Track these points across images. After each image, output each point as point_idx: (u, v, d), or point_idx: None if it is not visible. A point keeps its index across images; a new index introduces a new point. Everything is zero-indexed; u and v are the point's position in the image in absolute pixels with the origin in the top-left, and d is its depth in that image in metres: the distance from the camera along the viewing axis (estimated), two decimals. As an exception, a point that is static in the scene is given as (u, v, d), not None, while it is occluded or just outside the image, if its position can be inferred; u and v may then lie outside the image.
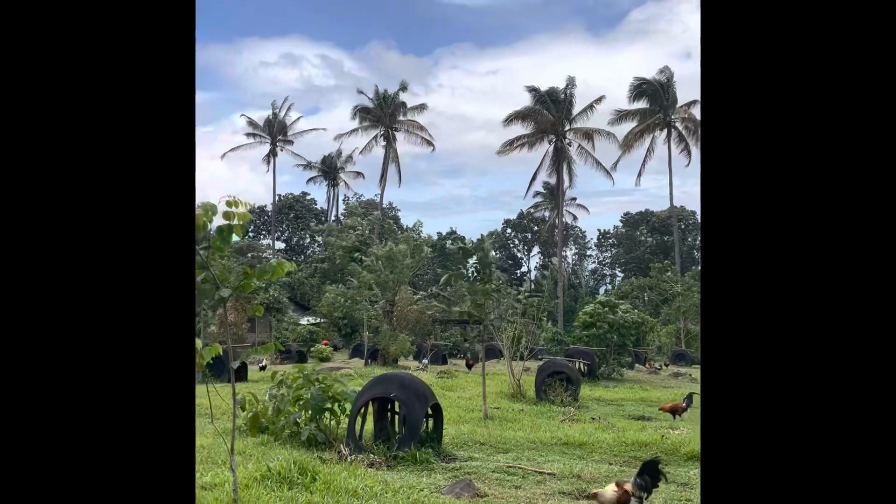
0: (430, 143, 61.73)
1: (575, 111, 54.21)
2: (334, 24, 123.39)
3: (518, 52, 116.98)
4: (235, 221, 5.34)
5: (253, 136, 66.21)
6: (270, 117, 66.06)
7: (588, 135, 53.96)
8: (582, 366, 21.17)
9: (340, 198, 73.76)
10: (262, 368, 24.14)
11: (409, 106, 61.73)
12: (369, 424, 8.90)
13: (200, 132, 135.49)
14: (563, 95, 53.95)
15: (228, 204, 5.30)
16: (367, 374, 20.86)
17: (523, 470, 7.64)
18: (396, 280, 30.54)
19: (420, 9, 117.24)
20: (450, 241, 64.47)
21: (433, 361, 28.57)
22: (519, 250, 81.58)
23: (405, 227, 58.34)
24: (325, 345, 35.95)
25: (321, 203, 77.10)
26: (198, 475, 6.58)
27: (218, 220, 5.37)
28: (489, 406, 12.77)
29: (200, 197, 5.34)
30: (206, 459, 7.47)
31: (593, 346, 24.05)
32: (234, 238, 5.57)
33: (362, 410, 8.60)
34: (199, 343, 5.22)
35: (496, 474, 7.39)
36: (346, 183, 71.72)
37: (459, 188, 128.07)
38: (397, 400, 8.46)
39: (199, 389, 18.82)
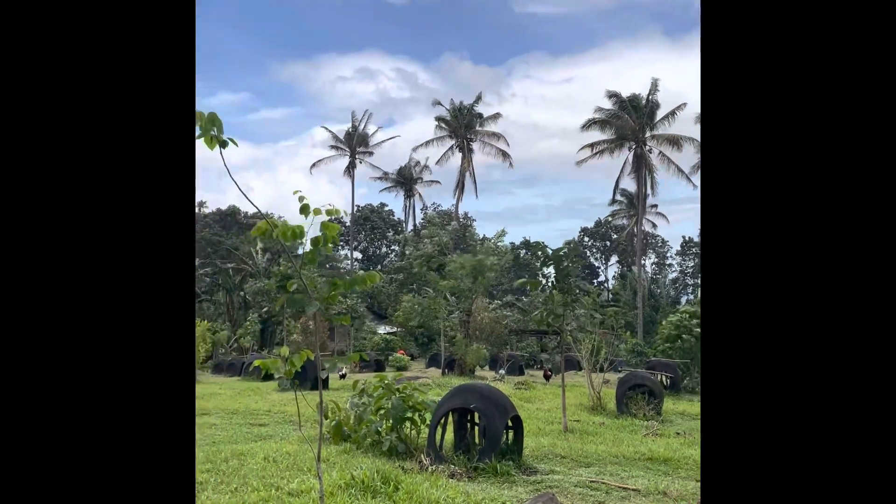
0: (505, 155, 61.68)
1: (657, 116, 52.94)
2: (409, 38, 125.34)
3: (592, 60, 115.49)
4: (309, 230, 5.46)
5: (335, 147, 67.90)
6: (350, 130, 67.63)
7: (673, 141, 52.50)
8: (665, 378, 20.54)
9: (417, 208, 74.58)
10: (342, 377, 24.63)
11: (484, 116, 61.98)
12: (449, 435, 8.92)
13: (282, 146, 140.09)
14: (645, 101, 52.79)
15: (329, 213, 5.42)
16: (444, 383, 20.94)
17: (606, 485, 7.46)
18: (475, 290, 30.55)
19: (493, 19, 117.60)
20: (524, 251, 64.07)
21: (509, 372, 28.38)
22: (596, 259, 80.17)
23: (481, 236, 58.38)
24: (402, 354, 36.35)
25: (398, 214, 78.30)
26: (284, 481, 6.76)
27: (283, 225, 5.50)
28: (569, 419, 12.56)
29: (281, 210, 5.50)
30: (291, 466, 7.66)
31: (675, 358, 23.31)
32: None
33: (442, 421, 8.63)
34: (285, 350, 5.37)
35: (579, 489, 7.25)
36: (419, 194, 72.48)
37: (533, 197, 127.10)
38: (477, 411, 8.45)
39: (286, 396, 19.45)
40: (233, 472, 7.26)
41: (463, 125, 61.10)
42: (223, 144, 4.60)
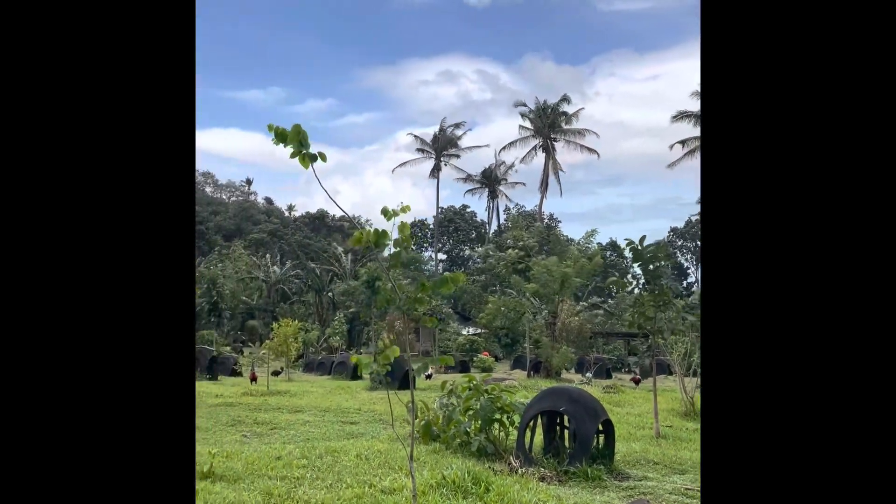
0: (592, 151, 60.70)
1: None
2: (491, 39, 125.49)
3: (680, 56, 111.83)
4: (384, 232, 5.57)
5: (421, 151, 68.75)
6: (437, 133, 68.31)
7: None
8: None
9: (500, 209, 74.45)
10: (428, 377, 24.86)
11: (568, 114, 61.17)
12: (538, 437, 8.84)
13: (367, 150, 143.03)
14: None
15: (402, 210, 5.53)
16: (530, 386, 20.79)
17: (704, 494, 7.19)
18: (562, 291, 30.20)
19: (575, 18, 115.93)
20: (610, 251, 62.75)
21: (596, 375, 27.86)
22: (687, 260, 77.54)
23: (568, 236, 57.61)
24: (487, 356, 36.34)
25: (480, 215, 78.43)
26: (376, 479, 6.89)
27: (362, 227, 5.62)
28: (661, 424, 12.20)
29: (367, 212, 5.65)
30: (383, 464, 7.80)
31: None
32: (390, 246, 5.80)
33: (531, 423, 8.57)
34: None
35: (674, 496, 7.03)
36: (506, 196, 72.25)
37: (618, 197, 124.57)
38: (567, 414, 8.34)
39: (375, 395, 19.83)
40: (327, 469, 7.46)
41: (547, 125, 60.53)
42: (314, 159, 4.84)
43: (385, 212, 5.48)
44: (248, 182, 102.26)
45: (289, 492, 6.27)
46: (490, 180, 71.47)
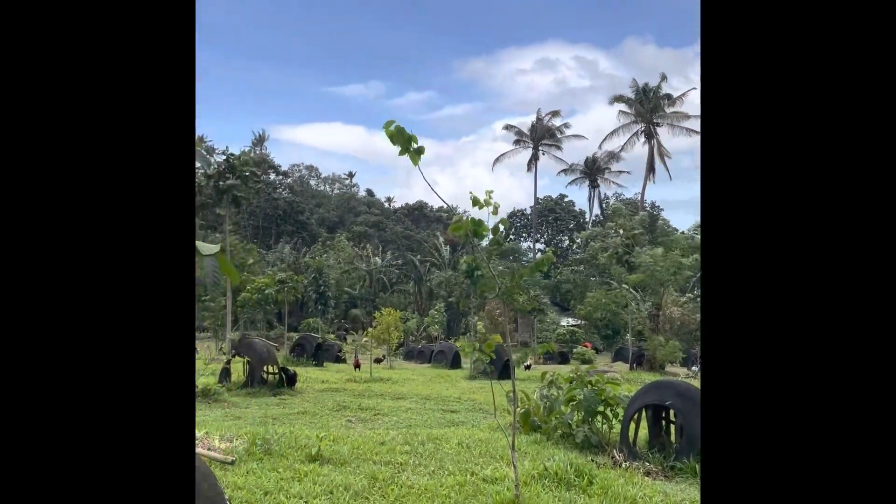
0: (698, 134, 58.16)
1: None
2: (591, 25, 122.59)
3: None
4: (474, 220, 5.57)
5: (518, 142, 68.34)
6: (534, 122, 67.67)
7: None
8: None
9: (602, 198, 72.84)
10: (527, 368, 24.77)
11: (672, 97, 58.84)
12: (642, 431, 8.60)
13: (464, 141, 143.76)
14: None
15: (487, 199, 5.53)
16: (633, 378, 20.27)
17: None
18: (672, 282, 29.21)
19: (680, 0, 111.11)
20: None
21: (704, 369, 26.73)
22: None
23: (672, 225, 55.62)
24: (588, 347, 35.73)
25: (579, 204, 77.09)
26: (478, 467, 6.92)
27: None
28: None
29: (464, 203, 5.67)
30: (484, 453, 7.83)
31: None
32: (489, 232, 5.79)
33: (636, 416, 8.34)
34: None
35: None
36: (610, 182, 70.50)
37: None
38: (674, 408, 8.05)
39: (474, 385, 19.84)
40: (430, 456, 7.58)
41: (649, 109, 58.50)
42: (420, 152, 5.00)
43: (475, 201, 5.50)
44: (350, 175, 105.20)
45: (393, 476, 6.40)
46: (591, 169, 70.01)
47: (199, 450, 3.49)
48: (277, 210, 74.81)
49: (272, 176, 78.36)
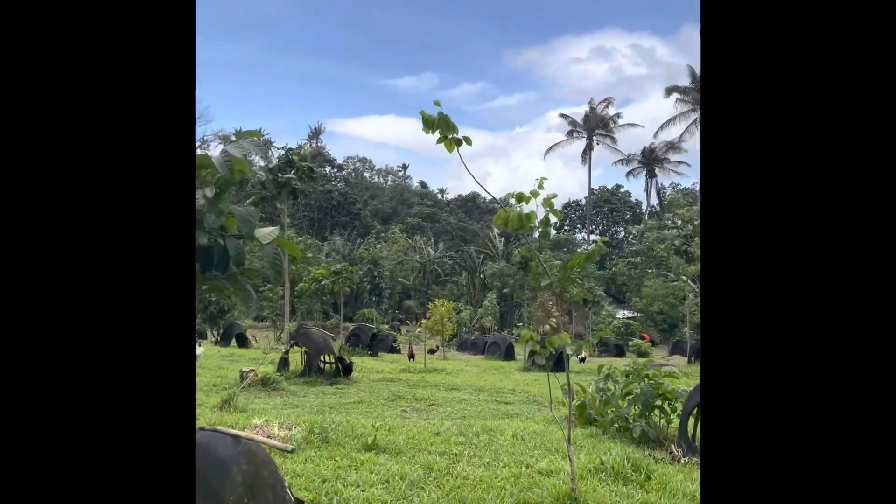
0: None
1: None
2: (648, 12, 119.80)
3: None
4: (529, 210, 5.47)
5: (572, 132, 67.49)
6: (588, 112, 66.67)
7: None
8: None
9: (660, 188, 71.29)
10: (582, 360, 24.50)
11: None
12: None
13: (517, 132, 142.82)
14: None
15: (537, 190, 5.46)
16: (691, 372, 19.82)
17: None
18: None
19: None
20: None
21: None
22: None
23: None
24: (645, 339, 35.11)
25: (636, 195, 75.66)
26: (533, 460, 6.88)
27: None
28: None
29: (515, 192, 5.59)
30: (539, 445, 7.78)
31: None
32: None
33: (694, 411, 8.14)
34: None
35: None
36: (670, 171, 68.86)
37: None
38: (735, 404, 7.82)
39: (528, 377, 19.70)
40: (484, 447, 7.57)
41: (708, 97, 56.71)
42: (459, 143, 4.91)
43: (520, 197, 5.42)
44: (404, 167, 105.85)
45: (448, 467, 6.43)
46: (649, 159, 68.55)
47: (259, 437, 3.57)
48: (331, 202, 75.92)
49: (326, 169, 79.49)
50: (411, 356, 23.27)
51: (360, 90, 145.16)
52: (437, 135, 4.84)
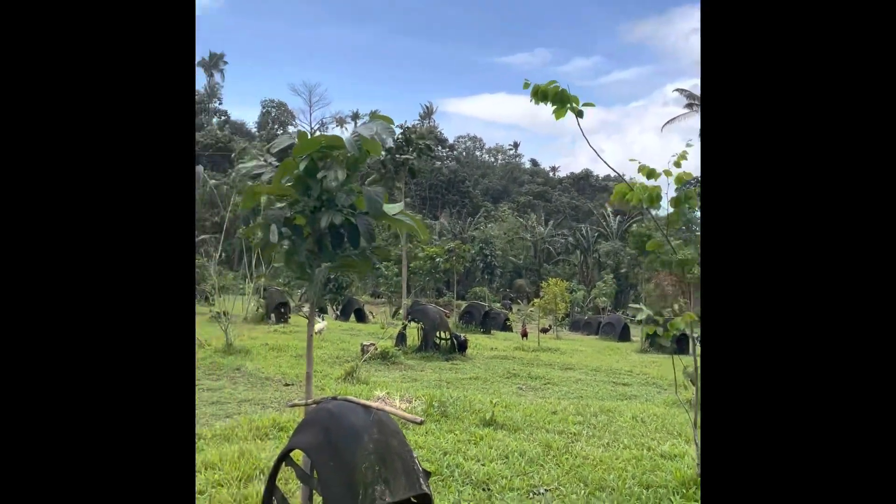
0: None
1: None
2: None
3: None
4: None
5: (691, 105, 64.38)
6: (705, 83, 63.23)
7: None
8: None
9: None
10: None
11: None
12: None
13: (632, 107, 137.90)
14: None
15: (679, 161, 5.23)
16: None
17: None
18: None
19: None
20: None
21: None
22: None
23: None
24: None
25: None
26: (654, 443, 6.72)
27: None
28: None
29: (632, 171, 5.38)
30: (660, 428, 7.59)
31: None
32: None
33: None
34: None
35: None
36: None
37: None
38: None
39: (646, 358, 19.25)
40: (603, 428, 7.48)
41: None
42: (580, 115, 4.78)
43: (651, 172, 5.21)
44: (515, 145, 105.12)
45: (566, 446, 6.40)
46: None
47: (388, 407, 3.70)
48: (442, 181, 76.77)
49: (438, 149, 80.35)
50: (524, 335, 23.26)
51: (472, 69, 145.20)
52: (550, 107, 4.72)
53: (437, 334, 15.89)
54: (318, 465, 3.56)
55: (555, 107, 4.59)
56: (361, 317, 28.94)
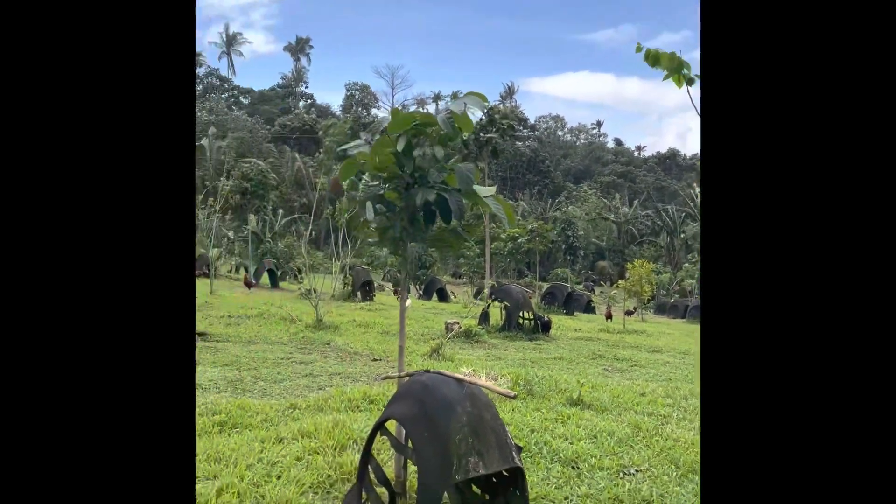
0: None
1: None
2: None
3: None
4: None
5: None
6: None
7: None
8: None
9: None
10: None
11: None
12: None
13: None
14: None
15: None
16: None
17: None
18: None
19: None
20: None
21: None
22: None
23: None
24: None
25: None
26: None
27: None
28: None
29: None
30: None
31: None
32: None
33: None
34: None
35: None
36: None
37: None
38: None
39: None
40: (693, 411, 7.29)
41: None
42: (690, 82, 4.60)
43: None
44: (598, 124, 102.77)
45: (656, 428, 6.29)
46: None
47: (482, 382, 3.74)
48: (523, 161, 76.13)
49: (519, 129, 79.62)
50: (609, 316, 22.90)
51: (555, 47, 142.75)
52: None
53: (521, 314, 15.88)
54: (413, 435, 3.66)
55: (666, 72, 4.45)
56: (443, 296, 29.24)
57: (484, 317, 16.39)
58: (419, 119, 3.78)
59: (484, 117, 24.86)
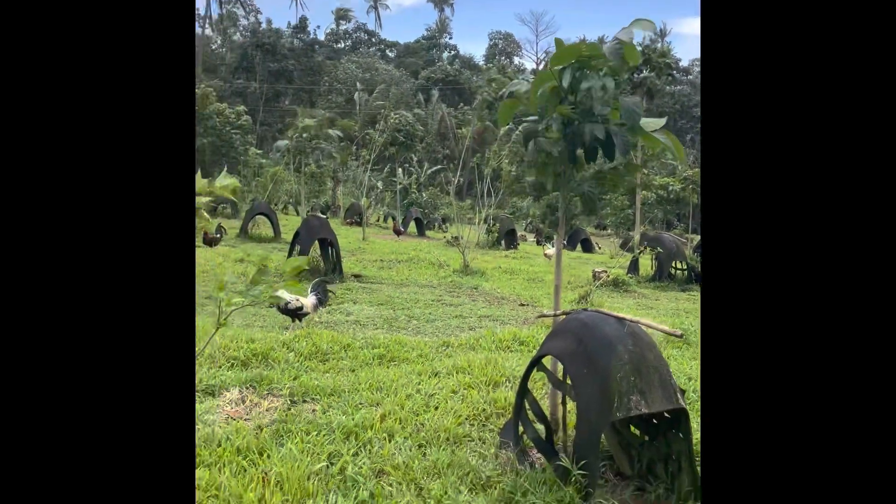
0: None
1: None
2: None
3: None
4: None
5: None
6: None
7: None
8: None
9: None
10: None
11: None
12: None
13: None
14: None
15: None
16: None
17: None
18: None
19: None
20: None
21: None
22: None
23: None
24: None
25: None
26: None
27: None
28: None
29: None
30: None
31: None
32: None
33: None
34: None
35: None
36: None
37: None
38: None
39: None
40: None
41: None
42: None
43: None
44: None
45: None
46: None
47: (644, 321, 3.67)
48: (676, 107, 72.06)
49: (672, 72, 75.15)
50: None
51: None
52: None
53: (673, 264, 15.27)
54: (572, 371, 3.66)
55: None
56: (588, 247, 28.73)
57: (633, 266, 15.94)
58: (585, 50, 3.65)
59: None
